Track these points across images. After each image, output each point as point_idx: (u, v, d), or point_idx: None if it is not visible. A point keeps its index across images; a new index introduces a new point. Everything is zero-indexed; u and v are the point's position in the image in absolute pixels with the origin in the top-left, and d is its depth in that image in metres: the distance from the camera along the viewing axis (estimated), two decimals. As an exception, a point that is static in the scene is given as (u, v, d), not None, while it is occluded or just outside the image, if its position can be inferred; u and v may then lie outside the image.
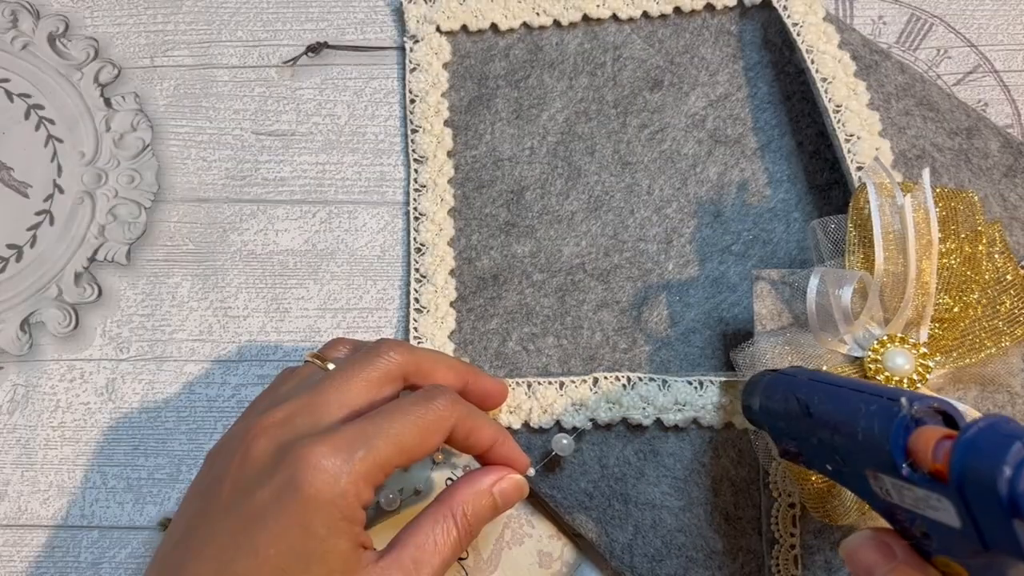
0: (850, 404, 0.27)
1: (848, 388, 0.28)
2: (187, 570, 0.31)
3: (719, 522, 0.39)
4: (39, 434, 0.43)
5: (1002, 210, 0.42)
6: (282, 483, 0.30)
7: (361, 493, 0.30)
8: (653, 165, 0.45)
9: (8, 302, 0.45)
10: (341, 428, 0.31)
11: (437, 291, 0.43)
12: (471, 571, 0.38)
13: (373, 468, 0.30)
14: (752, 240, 0.44)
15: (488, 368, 0.42)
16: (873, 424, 0.26)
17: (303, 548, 0.30)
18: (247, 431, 0.32)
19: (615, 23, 0.48)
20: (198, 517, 0.32)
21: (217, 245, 0.46)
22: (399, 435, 0.31)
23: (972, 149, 0.43)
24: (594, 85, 0.47)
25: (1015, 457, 0.21)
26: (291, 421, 0.32)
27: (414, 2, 0.48)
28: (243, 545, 0.30)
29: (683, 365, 0.42)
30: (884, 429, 0.25)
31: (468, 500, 0.33)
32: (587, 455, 0.40)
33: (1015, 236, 0.42)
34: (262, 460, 0.31)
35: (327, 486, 0.30)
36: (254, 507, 0.30)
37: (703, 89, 0.46)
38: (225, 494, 0.31)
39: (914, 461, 0.25)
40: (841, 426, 0.28)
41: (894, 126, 0.43)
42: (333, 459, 0.30)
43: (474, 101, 0.47)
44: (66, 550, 0.41)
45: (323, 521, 0.30)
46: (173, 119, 0.48)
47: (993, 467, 0.22)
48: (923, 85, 0.45)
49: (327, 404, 0.32)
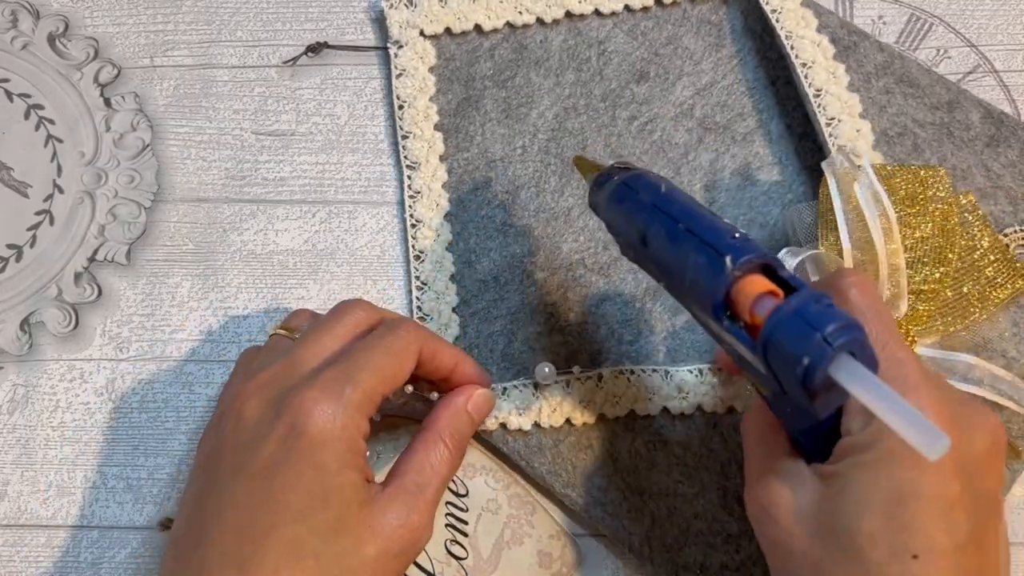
0: (682, 249, 0.28)
1: (684, 227, 0.29)
2: (209, 540, 0.31)
3: (733, 505, 0.39)
4: (39, 434, 0.43)
5: (986, 180, 0.43)
6: (284, 432, 0.31)
7: (359, 425, 0.32)
8: (645, 156, 0.46)
9: (8, 302, 0.45)
10: (323, 372, 0.33)
11: (439, 297, 0.43)
12: (471, 571, 0.38)
13: (363, 399, 0.32)
14: (748, 224, 0.44)
15: (495, 370, 0.42)
16: (699, 276, 0.27)
17: (320, 487, 0.31)
18: (234, 399, 0.34)
19: (598, 18, 0.48)
20: (206, 490, 0.33)
21: (217, 245, 0.46)
22: (378, 365, 0.33)
23: (954, 122, 0.45)
24: (581, 80, 0.47)
25: (818, 345, 0.24)
26: (274, 381, 0.33)
27: (396, 8, 0.48)
28: (260, 499, 0.31)
29: (691, 353, 0.42)
30: (709, 284, 0.27)
31: (450, 421, 0.36)
32: (598, 450, 0.40)
33: (1000, 204, 0.43)
34: (256, 418, 0.33)
35: (329, 423, 0.31)
36: (262, 461, 0.31)
37: (689, 79, 0.47)
38: (228, 461, 0.32)
39: (734, 309, 0.27)
40: (671, 268, 0.29)
41: (875, 105, 0.45)
42: (326, 399, 0.32)
43: (462, 103, 0.47)
44: (66, 550, 0.41)
45: (333, 457, 0.31)
46: (173, 119, 0.48)
47: (794, 354, 0.24)
48: (902, 62, 0.46)
49: (304, 360, 0.34)
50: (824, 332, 0.24)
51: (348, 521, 0.32)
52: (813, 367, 0.24)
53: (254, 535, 0.30)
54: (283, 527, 0.30)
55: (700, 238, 0.28)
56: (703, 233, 0.28)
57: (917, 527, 0.28)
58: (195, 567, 0.31)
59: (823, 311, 0.25)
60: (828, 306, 0.25)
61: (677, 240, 0.29)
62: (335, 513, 0.31)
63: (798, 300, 0.25)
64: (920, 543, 0.28)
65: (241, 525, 0.31)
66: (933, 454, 0.22)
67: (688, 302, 0.30)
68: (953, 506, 0.28)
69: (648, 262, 0.31)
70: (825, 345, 0.24)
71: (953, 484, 0.28)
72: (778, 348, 0.25)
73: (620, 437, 0.40)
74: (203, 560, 0.31)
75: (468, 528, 0.39)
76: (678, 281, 0.29)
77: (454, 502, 0.39)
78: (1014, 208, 0.43)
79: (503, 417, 0.41)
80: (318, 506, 0.31)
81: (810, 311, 0.25)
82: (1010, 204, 0.43)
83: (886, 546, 0.28)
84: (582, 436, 0.40)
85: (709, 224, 0.29)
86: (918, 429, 0.23)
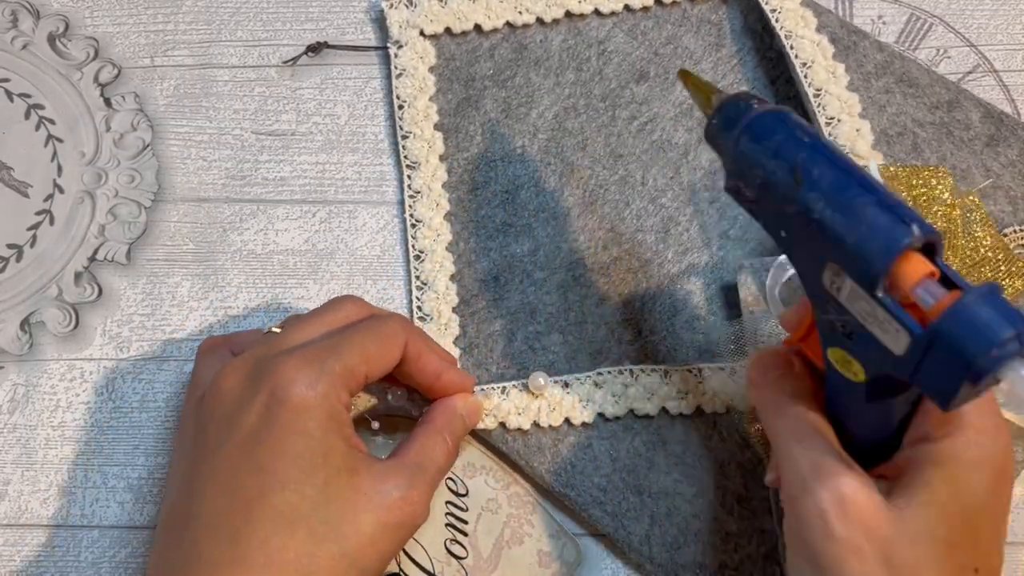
0: (856, 203, 0.25)
1: (856, 180, 0.26)
2: (197, 516, 0.31)
3: (732, 505, 0.39)
4: (39, 434, 0.43)
5: (985, 180, 0.43)
6: (266, 400, 0.31)
7: (340, 395, 0.32)
8: (645, 156, 0.46)
9: (8, 302, 0.45)
10: (306, 345, 0.33)
11: (439, 297, 0.43)
12: (471, 571, 0.38)
13: (344, 372, 0.32)
14: (748, 223, 0.44)
15: (495, 369, 0.42)
16: (874, 239, 0.25)
17: (306, 452, 0.31)
18: (214, 377, 0.33)
19: (597, 18, 0.48)
20: (192, 467, 0.32)
21: (217, 245, 0.46)
22: (362, 344, 0.33)
23: (953, 122, 0.45)
24: (581, 80, 0.47)
25: (1005, 344, 0.23)
26: (253, 356, 0.33)
27: (396, 7, 0.48)
28: (246, 468, 0.31)
29: (690, 353, 0.42)
30: (886, 245, 0.24)
31: (448, 421, 0.37)
32: (597, 450, 0.40)
33: (999, 204, 0.43)
34: (236, 391, 0.32)
35: (310, 390, 0.31)
36: (245, 431, 0.31)
37: None
38: (211, 435, 0.32)
39: (893, 284, 0.25)
40: (836, 214, 0.26)
41: (875, 105, 0.45)
42: (307, 368, 0.32)
43: (462, 103, 0.47)
44: (66, 550, 0.41)
45: (316, 423, 0.31)
46: (173, 119, 0.48)
47: (982, 345, 0.23)
48: (902, 62, 0.46)
49: (287, 340, 0.34)
50: (1010, 333, 0.23)
51: (338, 487, 0.31)
52: (988, 371, 0.23)
53: (243, 505, 0.30)
54: (272, 495, 0.30)
55: (878, 196, 0.25)
56: (880, 193, 0.26)
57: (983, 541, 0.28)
58: (186, 544, 0.31)
59: (1008, 313, 0.23)
60: (1007, 305, 0.24)
61: (849, 191, 0.26)
62: (323, 478, 0.31)
63: (989, 290, 0.24)
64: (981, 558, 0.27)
65: (229, 496, 0.30)
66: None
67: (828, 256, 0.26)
68: (1004, 528, 0.28)
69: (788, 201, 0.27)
70: (1017, 347, 0.23)
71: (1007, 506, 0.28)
72: (951, 340, 0.23)
73: (619, 437, 0.40)
74: (194, 537, 0.30)
75: (468, 528, 0.39)
76: (833, 234, 0.26)
77: (454, 502, 0.39)
78: (1014, 208, 0.43)
79: (503, 417, 0.41)
80: (306, 472, 0.31)
81: (1002, 304, 0.23)
82: (1010, 204, 0.43)
83: (960, 556, 0.27)
84: (582, 436, 0.41)
85: (882, 185, 0.26)
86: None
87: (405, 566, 0.38)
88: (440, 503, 0.39)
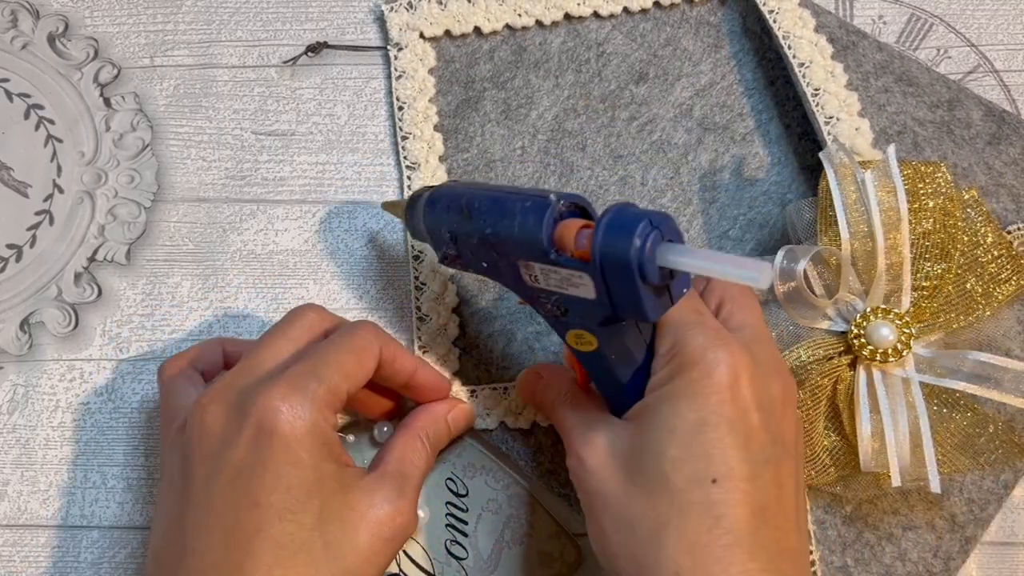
0: (508, 203, 0.32)
1: (504, 192, 0.33)
2: (193, 551, 0.31)
3: None
4: (39, 434, 0.43)
5: (987, 178, 0.44)
6: (253, 433, 0.31)
7: (327, 418, 0.32)
8: (645, 156, 0.46)
9: (8, 302, 0.45)
10: (285, 371, 0.33)
11: (439, 297, 0.43)
12: (471, 571, 0.38)
13: (328, 395, 0.32)
14: (748, 224, 0.44)
15: (495, 370, 0.42)
16: (528, 217, 0.30)
17: (300, 482, 0.31)
18: (193, 409, 0.33)
19: (596, 20, 0.49)
20: (182, 503, 0.32)
21: (217, 245, 0.46)
22: (339, 362, 0.33)
23: (954, 120, 0.45)
24: (580, 82, 0.47)
25: (642, 232, 0.27)
26: (232, 385, 0.33)
27: (396, 10, 0.48)
28: (241, 503, 0.31)
29: None
30: (537, 221, 0.30)
31: (428, 425, 0.37)
32: None
33: (1002, 202, 0.43)
34: (221, 424, 0.32)
35: (297, 419, 0.31)
36: (235, 465, 0.31)
37: (688, 79, 0.47)
38: (199, 470, 0.32)
39: (560, 247, 0.30)
40: (500, 222, 0.32)
41: (874, 104, 0.45)
42: (291, 396, 0.31)
43: (462, 105, 0.47)
44: (66, 550, 0.41)
45: (307, 452, 0.31)
46: (173, 119, 0.48)
47: (626, 241, 0.27)
48: (901, 61, 0.46)
49: (260, 362, 0.34)
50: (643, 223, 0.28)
51: (334, 508, 0.32)
52: (645, 260, 0.27)
53: (243, 540, 0.30)
54: (270, 527, 0.30)
55: (521, 193, 0.32)
56: (522, 190, 0.32)
57: (717, 453, 0.29)
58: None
59: (636, 212, 0.28)
60: (637, 208, 0.29)
61: (501, 200, 0.32)
62: (319, 504, 0.31)
63: (616, 207, 0.29)
64: (719, 468, 0.29)
65: (227, 532, 0.30)
66: (763, 282, 0.24)
67: (514, 255, 0.32)
68: (752, 436, 0.30)
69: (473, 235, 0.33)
70: (650, 229, 0.27)
71: (752, 415, 0.30)
72: (611, 244, 0.28)
73: None
74: (191, 572, 0.30)
75: (468, 528, 0.39)
76: (506, 237, 0.31)
77: (454, 502, 0.39)
78: (1016, 206, 0.43)
79: (503, 416, 0.41)
80: (302, 501, 0.31)
81: (629, 210, 0.28)
82: (1012, 202, 0.43)
83: (689, 471, 0.29)
84: (582, 436, 0.41)
85: (524, 189, 0.33)
86: (743, 268, 0.25)
87: (405, 566, 0.38)
88: (440, 503, 0.39)
